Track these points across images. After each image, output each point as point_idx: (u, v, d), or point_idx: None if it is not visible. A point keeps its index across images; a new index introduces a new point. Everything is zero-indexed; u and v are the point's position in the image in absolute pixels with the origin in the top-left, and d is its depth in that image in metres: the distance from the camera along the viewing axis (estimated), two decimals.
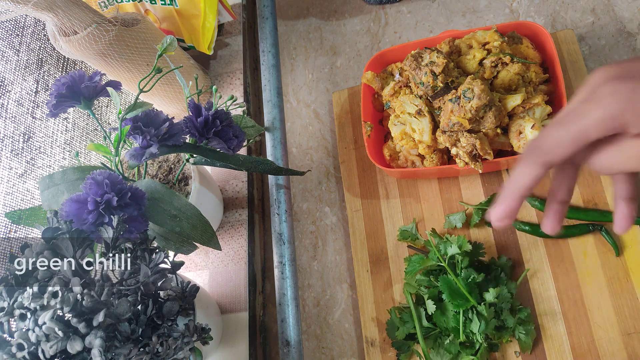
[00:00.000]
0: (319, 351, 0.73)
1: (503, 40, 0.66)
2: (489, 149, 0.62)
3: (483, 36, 0.67)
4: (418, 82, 0.65)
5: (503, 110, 0.62)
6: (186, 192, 0.68)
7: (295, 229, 0.81)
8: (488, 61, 0.64)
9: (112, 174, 0.48)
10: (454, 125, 0.61)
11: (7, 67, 0.88)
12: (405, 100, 0.67)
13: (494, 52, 0.65)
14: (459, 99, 0.61)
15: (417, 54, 0.65)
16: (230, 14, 0.88)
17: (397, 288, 0.70)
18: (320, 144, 0.86)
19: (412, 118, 0.66)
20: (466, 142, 0.61)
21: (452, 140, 0.63)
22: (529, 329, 0.60)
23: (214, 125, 0.57)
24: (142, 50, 0.70)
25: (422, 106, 0.65)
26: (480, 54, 0.65)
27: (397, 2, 0.89)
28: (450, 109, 0.61)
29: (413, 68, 0.65)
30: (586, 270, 0.62)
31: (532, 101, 0.62)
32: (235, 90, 0.89)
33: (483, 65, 0.65)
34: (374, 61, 0.75)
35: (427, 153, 0.67)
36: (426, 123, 0.65)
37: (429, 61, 0.64)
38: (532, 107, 0.62)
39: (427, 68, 0.63)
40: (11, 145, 0.80)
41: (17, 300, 0.43)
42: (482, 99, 0.59)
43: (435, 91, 0.64)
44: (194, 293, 0.52)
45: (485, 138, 0.63)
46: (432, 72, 0.63)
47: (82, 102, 0.54)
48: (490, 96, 0.60)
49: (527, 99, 0.62)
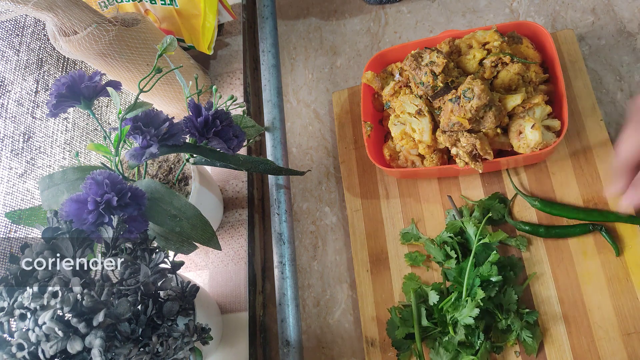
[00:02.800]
0: (319, 351, 0.73)
1: (503, 40, 0.66)
2: (489, 149, 0.62)
3: (483, 36, 0.67)
4: (418, 82, 0.65)
5: (503, 110, 0.62)
6: (186, 192, 0.68)
7: (295, 229, 0.81)
8: (488, 61, 0.64)
9: (112, 174, 0.48)
10: (454, 125, 0.61)
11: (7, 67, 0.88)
12: (405, 100, 0.67)
13: (494, 52, 0.65)
14: (459, 99, 0.61)
15: (417, 53, 0.65)
16: (230, 14, 0.88)
17: (397, 288, 0.70)
18: (320, 144, 0.86)
19: (412, 118, 0.66)
20: (466, 142, 0.61)
21: (452, 140, 0.63)
22: (536, 332, 0.60)
23: (214, 125, 0.58)
24: (142, 50, 0.70)
25: (422, 106, 0.65)
26: (480, 53, 0.65)
27: (397, 2, 0.89)
28: (451, 108, 0.61)
29: (413, 68, 0.65)
30: (586, 270, 0.62)
31: (532, 101, 0.62)
32: (235, 90, 0.89)
33: (483, 65, 0.65)
34: (374, 61, 0.75)
35: (427, 153, 0.67)
36: (426, 123, 0.65)
37: (429, 61, 0.64)
38: (532, 107, 0.62)
39: (427, 68, 0.63)
40: (11, 145, 0.80)
41: (17, 300, 0.43)
42: (482, 99, 0.59)
43: (436, 91, 0.64)
44: (194, 293, 0.52)
45: (485, 138, 0.63)
46: (432, 72, 0.63)
47: (82, 102, 0.54)
48: (490, 96, 0.60)
49: (527, 99, 0.62)
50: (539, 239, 0.65)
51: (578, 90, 0.69)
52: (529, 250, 0.65)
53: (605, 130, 0.66)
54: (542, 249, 0.65)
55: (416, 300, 0.64)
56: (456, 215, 0.68)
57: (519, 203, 0.68)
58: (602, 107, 0.70)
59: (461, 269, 0.62)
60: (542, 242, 0.65)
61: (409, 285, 0.67)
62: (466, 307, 0.59)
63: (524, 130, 0.61)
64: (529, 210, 0.67)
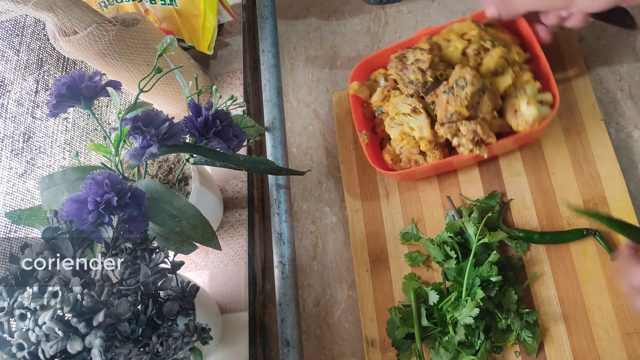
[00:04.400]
0: (319, 351, 0.73)
1: (480, 28, 0.67)
2: (490, 132, 0.63)
3: (460, 27, 0.68)
4: (407, 82, 0.66)
5: (496, 93, 0.63)
6: (186, 192, 0.68)
7: (295, 229, 0.81)
8: (470, 50, 0.65)
9: (112, 174, 0.48)
10: (452, 115, 0.62)
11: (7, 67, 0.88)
12: (397, 101, 0.68)
13: (475, 40, 0.66)
14: (452, 89, 0.62)
15: (400, 55, 0.67)
16: (230, 14, 0.88)
17: (397, 288, 0.70)
18: (320, 144, 0.86)
19: (408, 117, 0.67)
20: (467, 130, 0.62)
21: (452, 131, 0.63)
22: (536, 332, 0.60)
23: (214, 125, 0.58)
24: (142, 50, 0.70)
25: (416, 103, 0.66)
26: (462, 44, 0.66)
27: (397, 2, 0.89)
28: (446, 99, 0.62)
29: (400, 69, 0.66)
30: (586, 270, 0.62)
31: (522, 79, 0.63)
32: (235, 90, 0.89)
33: (466, 54, 0.66)
34: (357, 71, 0.75)
35: (429, 149, 0.67)
36: (423, 119, 0.65)
37: (414, 59, 0.65)
38: (522, 86, 0.63)
39: (413, 66, 0.65)
40: (11, 145, 0.80)
41: (17, 300, 0.43)
42: (475, 84, 0.60)
43: (427, 86, 0.65)
44: (194, 293, 0.52)
45: (484, 122, 0.64)
46: (419, 69, 0.64)
47: (82, 102, 0.54)
48: (482, 80, 0.61)
49: (516, 78, 0.64)
50: None
51: (578, 90, 0.69)
52: (529, 251, 0.65)
53: (605, 130, 0.66)
54: (542, 249, 0.65)
55: (416, 300, 0.64)
56: (455, 216, 0.68)
57: (519, 203, 0.68)
58: (602, 107, 0.70)
59: (461, 269, 0.62)
60: None
61: (409, 285, 0.67)
62: (466, 307, 0.59)
63: (520, 108, 0.62)
64: (529, 210, 0.67)
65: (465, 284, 0.61)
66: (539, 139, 0.69)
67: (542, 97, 0.63)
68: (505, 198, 0.69)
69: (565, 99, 0.70)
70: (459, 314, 0.60)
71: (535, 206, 0.67)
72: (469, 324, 0.59)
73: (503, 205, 0.68)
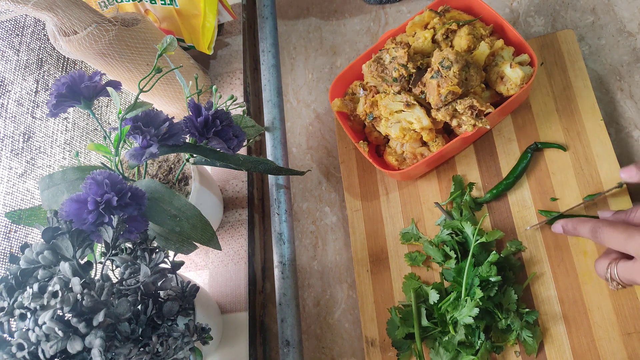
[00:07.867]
0: (319, 351, 0.73)
1: (439, 15, 0.70)
2: (486, 103, 0.64)
3: (421, 19, 0.71)
4: (391, 81, 0.67)
5: (479, 66, 0.66)
6: (186, 192, 0.68)
7: (295, 229, 0.81)
8: (439, 34, 0.68)
9: (112, 174, 0.48)
10: (447, 96, 0.63)
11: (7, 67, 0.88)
12: (388, 102, 0.68)
13: (439, 27, 0.69)
14: (439, 72, 0.63)
15: (376, 58, 0.69)
16: (230, 14, 0.88)
17: (397, 288, 0.70)
18: (320, 144, 0.86)
19: (403, 113, 0.67)
20: (463, 108, 0.63)
21: (449, 113, 0.65)
22: (536, 332, 0.60)
23: (214, 125, 0.58)
24: (142, 50, 0.70)
25: (407, 97, 0.67)
26: (429, 33, 0.69)
27: (397, 2, 0.89)
28: (436, 83, 0.63)
29: (380, 71, 0.68)
30: (586, 270, 0.62)
31: (496, 47, 0.66)
32: (235, 90, 0.89)
33: (436, 41, 0.69)
34: (333, 89, 0.75)
35: (432, 138, 0.67)
36: (418, 110, 0.66)
37: (391, 58, 0.67)
38: (499, 53, 0.67)
39: (393, 64, 0.66)
40: (11, 145, 0.80)
41: (17, 300, 0.43)
42: (459, 61, 0.62)
43: (412, 78, 0.66)
44: (194, 293, 0.52)
45: (477, 96, 0.65)
46: (400, 65, 0.66)
47: (82, 102, 0.54)
48: (465, 56, 0.64)
49: (491, 47, 0.66)
50: (540, 239, 0.65)
51: (578, 90, 0.69)
52: (529, 250, 0.65)
53: (605, 130, 0.66)
54: (542, 249, 0.65)
55: (416, 300, 0.64)
56: (447, 219, 0.68)
57: (519, 203, 0.68)
58: (602, 107, 0.70)
59: (460, 269, 0.63)
60: (542, 242, 0.65)
61: (409, 285, 0.67)
62: (466, 306, 0.59)
63: (505, 73, 0.65)
64: (529, 210, 0.67)
65: (465, 284, 0.61)
66: (527, 100, 0.71)
67: (520, 58, 0.67)
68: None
69: (565, 98, 0.70)
70: (459, 314, 0.60)
71: (535, 206, 0.67)
72: (468, 323, 0.59)
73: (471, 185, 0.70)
